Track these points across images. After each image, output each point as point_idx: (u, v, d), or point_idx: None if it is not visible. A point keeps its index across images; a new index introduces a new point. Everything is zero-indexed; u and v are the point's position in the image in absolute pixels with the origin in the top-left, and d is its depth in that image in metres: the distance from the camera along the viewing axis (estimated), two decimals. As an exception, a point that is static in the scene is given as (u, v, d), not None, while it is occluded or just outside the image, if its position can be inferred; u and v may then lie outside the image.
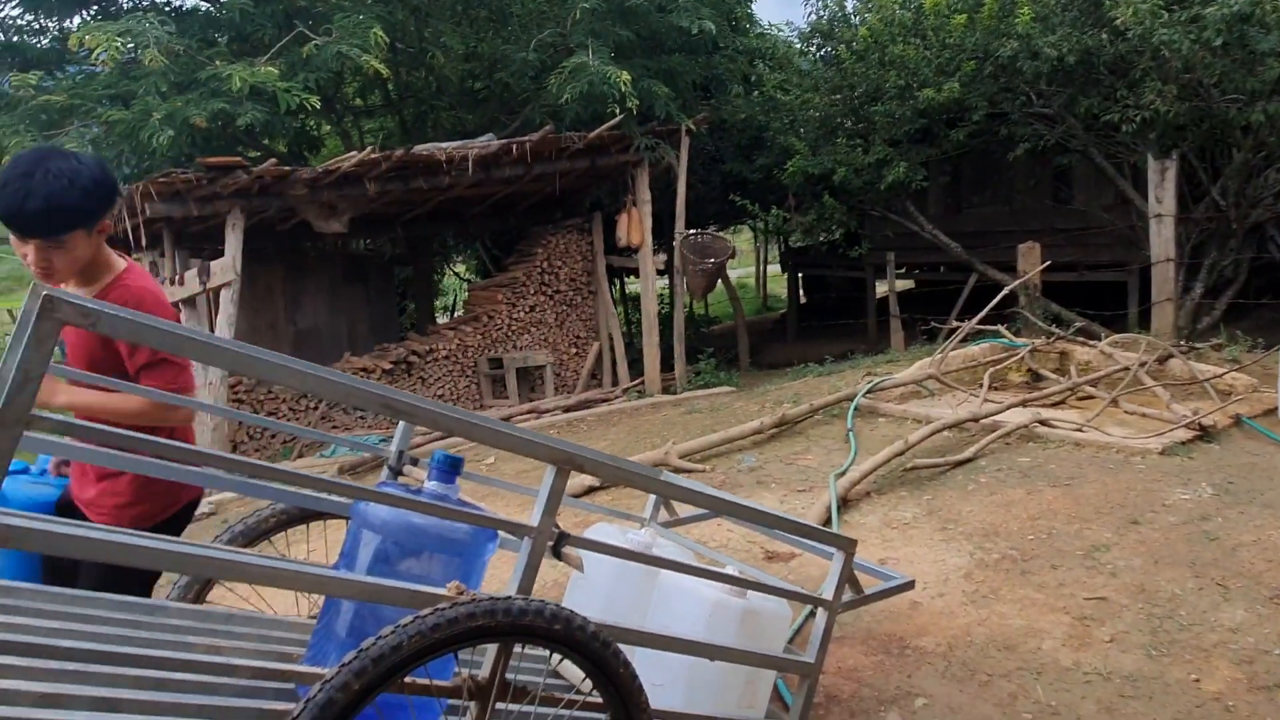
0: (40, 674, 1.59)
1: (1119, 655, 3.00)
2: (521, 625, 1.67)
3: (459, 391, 9.76)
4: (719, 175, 13.09)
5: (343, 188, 7.97)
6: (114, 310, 1.45)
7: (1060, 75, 9.41)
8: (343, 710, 1.51)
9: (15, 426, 1.34)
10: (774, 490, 5.13)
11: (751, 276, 24.95)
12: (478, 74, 11.06)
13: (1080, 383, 6.38)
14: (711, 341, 13.78)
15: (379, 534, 1.86)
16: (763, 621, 2.28)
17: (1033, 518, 4.20)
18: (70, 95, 8.05)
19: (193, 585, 2.38)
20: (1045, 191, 11.42)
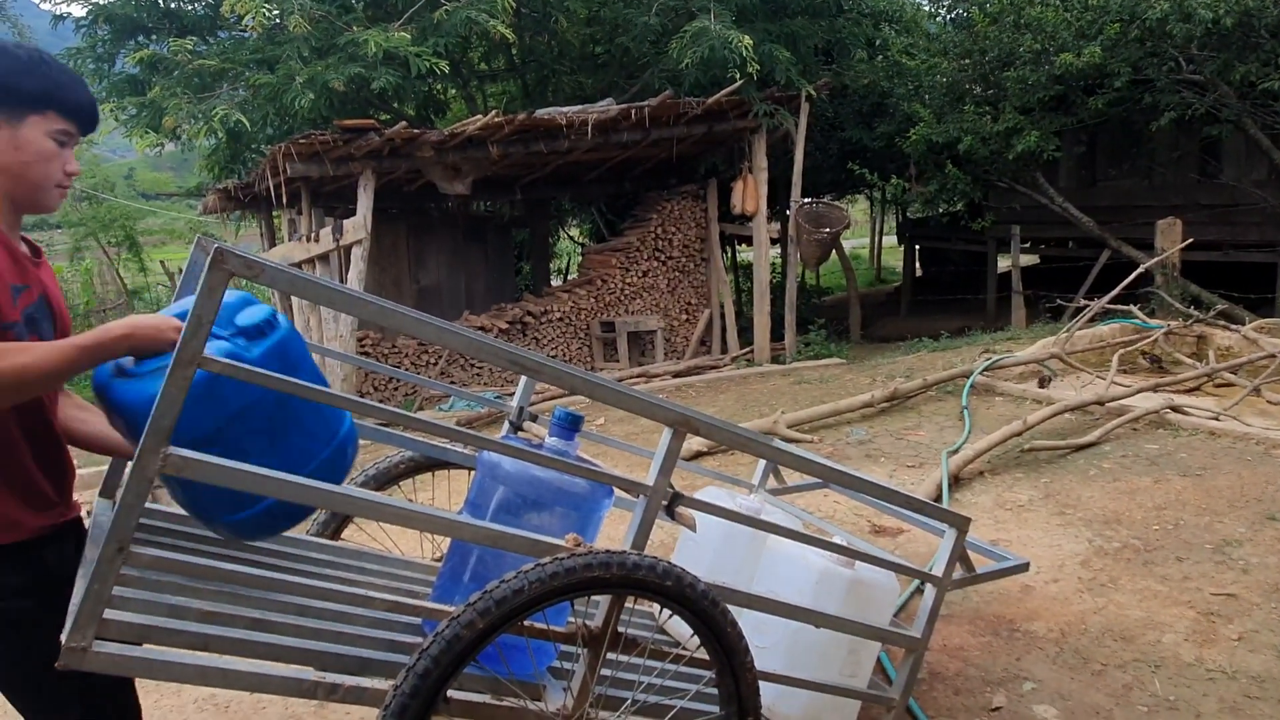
0: (204, 594, 1.76)
1: (1246, 654, 2.87)
2: (635, 579, 1.74)
3: (571, 353, 9.96)
4: (837, 143, 12.78)
5: (466, 150, 8.19)
6: (277, 264, 1.56)
7: (1214, 39, 8.75)
8: (467, 646, 1.61)
9: (189, 367, 1.48)
10: (883, 465, 5.07)
11: (866, 248, 24.37)
12: (599, 38, 11.10)
13: (1219, 369, 6.02)
14: (823, 313, 13.58)
15: (503, 484, 1.96)
16: (869, 593, 2.29)
17: (1159, 507, 4.03)
18: (221, 60, 8.51)
19: (329, 524, 2.56)
20: (1190, 164, 10.70)
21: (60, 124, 1.71)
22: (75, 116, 1.73)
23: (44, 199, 1.73)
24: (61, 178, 1.74)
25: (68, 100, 1.71)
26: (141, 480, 1.47)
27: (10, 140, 1.66)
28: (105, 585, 1.51)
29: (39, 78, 1.68)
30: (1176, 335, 6.90)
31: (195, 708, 2.87)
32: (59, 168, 1.72)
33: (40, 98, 1.67)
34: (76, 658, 1.52)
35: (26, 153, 1.67)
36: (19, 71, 1.66)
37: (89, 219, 18.88)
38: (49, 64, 1.70)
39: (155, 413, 1.45)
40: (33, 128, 1.67)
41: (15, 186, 1.69)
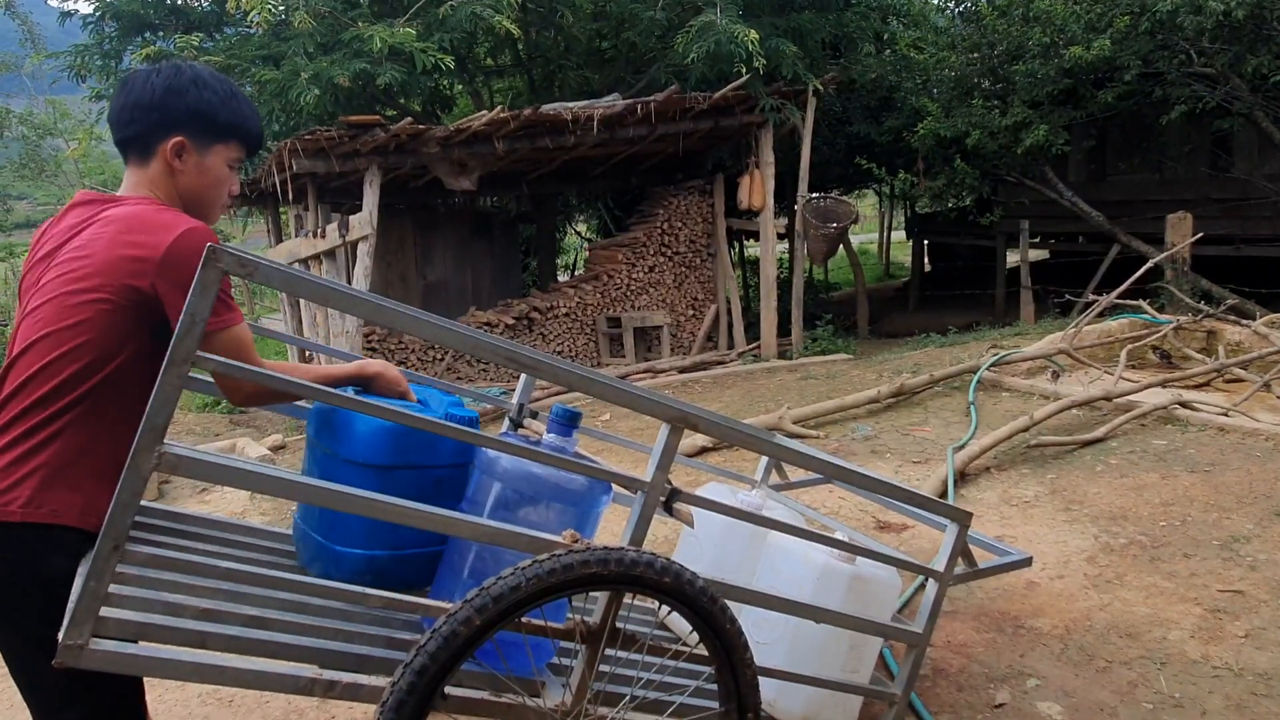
0: (200, 591, 1.76)
1: (1253, 652, 2.85)
2: (633, 575, 1.73)
3: (577, 349, 9.96)
4: (845, 137, 12.73)
5: (472, 146, 8.19)
6: (269, 263, 1.56)
7: (1226, 31, 8.68)
8: (465, 643, 1.61)
9: (183, 365, 1.48)
10: (889, 460, 5.06)
11: (874, 243, 24.29)
12: (605, 33, 11.08)
13: (1229, 364, 5.98)
14: (830, 308, 13.54)
15: (500, 481, 1.95)
16: (871, 588, 2.28)
17: (1166, 504, 4.00)
18: (227, 56, 8.52)
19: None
20: (1201, 158, 10.62)
21: (238, 152, 1.89)
22: (252, 145, 1.92)
23: (211, 215, 1.92)
24: (227, 198, 1.94)
25: (250, 132, 1.90)
26: (136, 478, 1.47)
27: (197, 166, 1.83)
28: (101, 583, 1.51)
29: (231, 111, 1.84)
30: (1186, 330, 6.85)
31: (199, 701, 2.88)
32: (226, 190, 1.91)
33: (229, 129, 1.85)
34: (73, 655, 1.52)
35: (208, 177, 1.85)
36: (217, 105, 1.82)
37: (99, 215, 18.94)
38: (239, 98, 1.88)
39: (150, 410, 1.46)
40: (216, 155, 1.85)
41: (192, 205, 1.85)
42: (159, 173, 1.82)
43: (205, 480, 1.57)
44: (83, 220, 1.77)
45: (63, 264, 1.71)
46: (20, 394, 1.68)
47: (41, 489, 1.66)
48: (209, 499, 5.30)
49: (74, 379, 1.68)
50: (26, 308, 1.74)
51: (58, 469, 1.68)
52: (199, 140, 1.82)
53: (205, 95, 1.80)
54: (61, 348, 1.66)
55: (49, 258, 1.77)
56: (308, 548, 2.08)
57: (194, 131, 1.81)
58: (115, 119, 1.82)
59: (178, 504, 5.20)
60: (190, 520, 2.15)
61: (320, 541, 2.02)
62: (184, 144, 1.80)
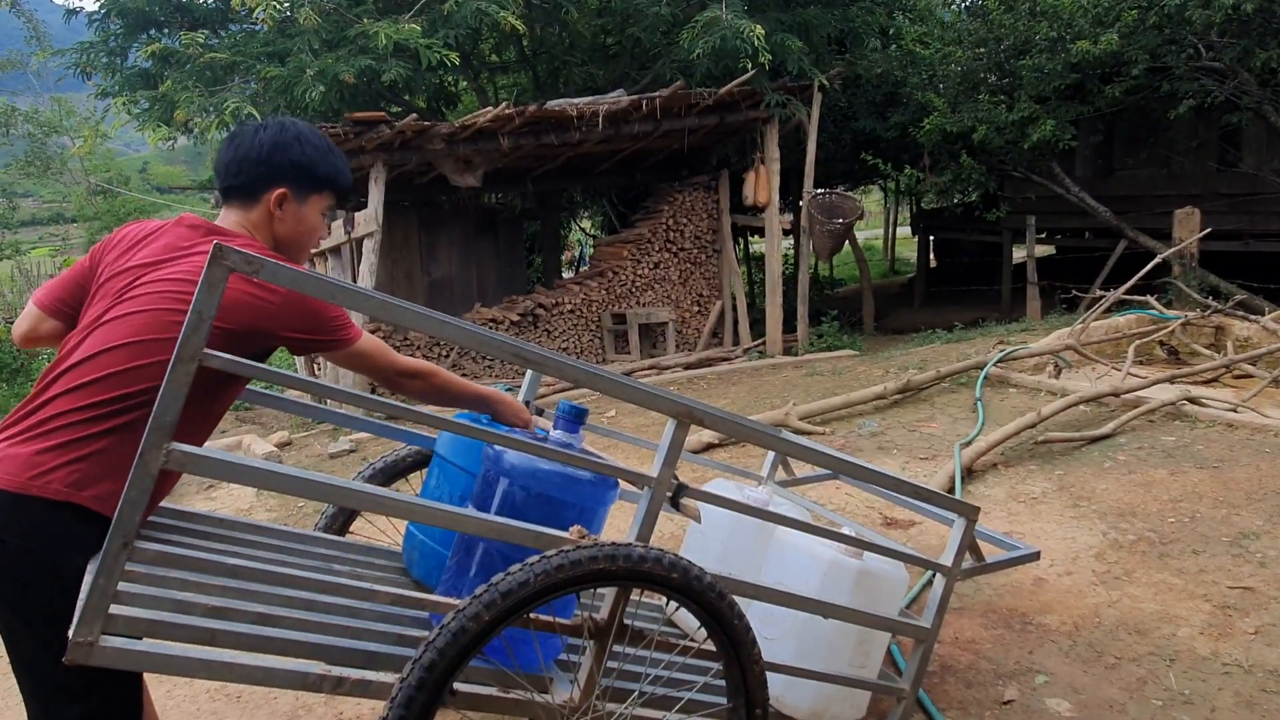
0: (209, 589, 1.76)
1: (1263, 648, 2.84)
2: (640, 571, 1.73)
3: (582, 345, 9.95)
4: (850, 133, 12.70)
5: (477, 142, 8.18)
6: (275, 261, 1.56)
7: (1235, 25, 8.62)
8: (473, 639, 1.61)
9: (190, 363, 1.48)
10: (895, 456, 5.05)
11: (880, 238, 24.23)
12: (610, 29, 11.05)
13: (1238, 360, 5.95)
14: (836, 304, 13.52)
15: (507, 477, 1.95)
16: (878, 583, 2.28)
17: (1174, 500, 3.98)
18: (232, 53, 8.52)
19: (337, 518, 2.56)
20: (1209, 153, 10.56)
21: (330, 201, 2.01)
22: (342, 195, 2.04)
23: (300, 257, 2.03)
24: (317, 243, 2.07)
25: (342, 184, 2.02)
26: (145, 475, 1.47)
27: (295, 215, 1.95)
28: (111, 580, 1.52)
29: (329, 165, 1.97)
30: (1194, 326, 6.83)
31: (207, 697, 2.89)
32: (319, 235, 2.03)
33: (326, 181, 1.97)
34: (83, 652, 1.53)
35: (304, 225, 1.97)
36: (317, 160, 1.95)
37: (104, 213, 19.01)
38: (334, 152, 2.00)
39: (158, 409, 1.46)
40: (312, 206, 1.97)
41: (286, 248, 1.97)
42: (261, 218, 1.93)
43: (213, 477, 1.57)
44: (190, 244, 1.85)
45: (170, 282, 1.79)
46: (98, 385, 1.71)
47: (89, 476, 1.69)
48: (215, 495, 5.31)
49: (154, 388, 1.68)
50: (112, 309, 1.78)
51: (110, 463, 1.69)
52: (299, 191, 1.93)
53: (308, 151, 1.93)
54: (153, 357, 1.71)
55: (148, 268, 1.82)
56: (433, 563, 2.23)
57: (295, 183, 1.93)
58: (223, 170, 1.94)
59: (184, 501, 5.22)
60: (195, 518, 2.15)
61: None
62: (286, 195, 1.92)
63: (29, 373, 10.93)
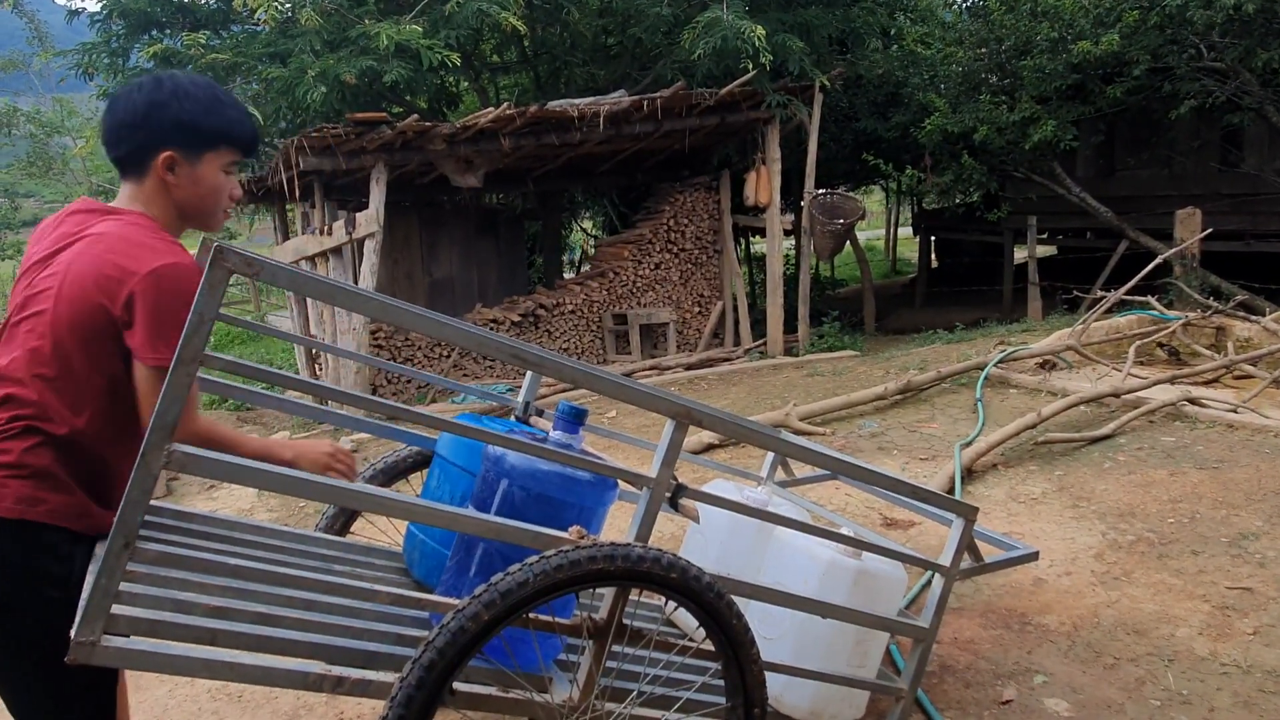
0: (210, 589, 1.77)
1: (1262, 649, 2.85)
2: (639, 571, 1.74)
3: (583, 346, 9.96)
4: (851, 133, 12.70)
5: (478, 143, 8.19)
6: (275, 262, 1.57)
7: (1236, 25, 8.62)
8: (473, 638, 1.62)
9: (191, 364, 1.49)
10: (896, 457, 5.05)
11: (881, 239, 24.24)
12: (611, 29, 11.07)
13: (1238, 360, 5.95)
14: (837, 305, 13.52)
15: (507, 478, 1.96)
16: (877, 584, 2.28)
17: (1174, 500, 3.99)
18: (234, 54, 8.54)
19: (338, 518, 2.57)
20: (1211, 153, 10.56)
21: (231, 156, 1.85)
22: (244, 148, 1.87)
23: (212, 222, 1.89)
24: (228, 202, 1.90)
25: (239, 135, 1.85)
26: (147, 475, 1.48)
27: (190, 177, 1.80)
28: (113, 580, 1.53)
29: (217, 117, 1.81)
30: (1195, 326, 6.82)
31: (209, 697, 2.90)
32: (226, 195, 1.88)
33: (217, 136, 1.81)
34: (85, 652, 1.53)
35: (203, 186, 1.82)
36: (201, 113, 1.78)
37: (106, 213, 19.02)
38: (223, 102, 1.83)
39: (159, 410, 1.47)
40: (208, 164, 1.81)
41: (192, 215, 1.85)
42: (154, 188, 1.80)
43: (214, 478, 1.58)
44: (77, 231, 1.76)
45: (54, 276, 1.71)
46: (10, 403, 1.68)
47: (35, 489, 1.66)
48: (216, 496, 5.32)
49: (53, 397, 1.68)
50: (25, 311, 1.73)
51: (47, 472, 1.68)
52: (188, 151, 1.79)
53: (188, 106, 1.77)
54: (44, 368, 1.67)
55: (43, 263, 1.76)
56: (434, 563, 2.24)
57: (182, 144, 1.78)
58: (106, 140, 1.81)
59: (185, 501, 5.23)
60: (194, 519, 2.16)
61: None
62: (174, 158, 1.78)
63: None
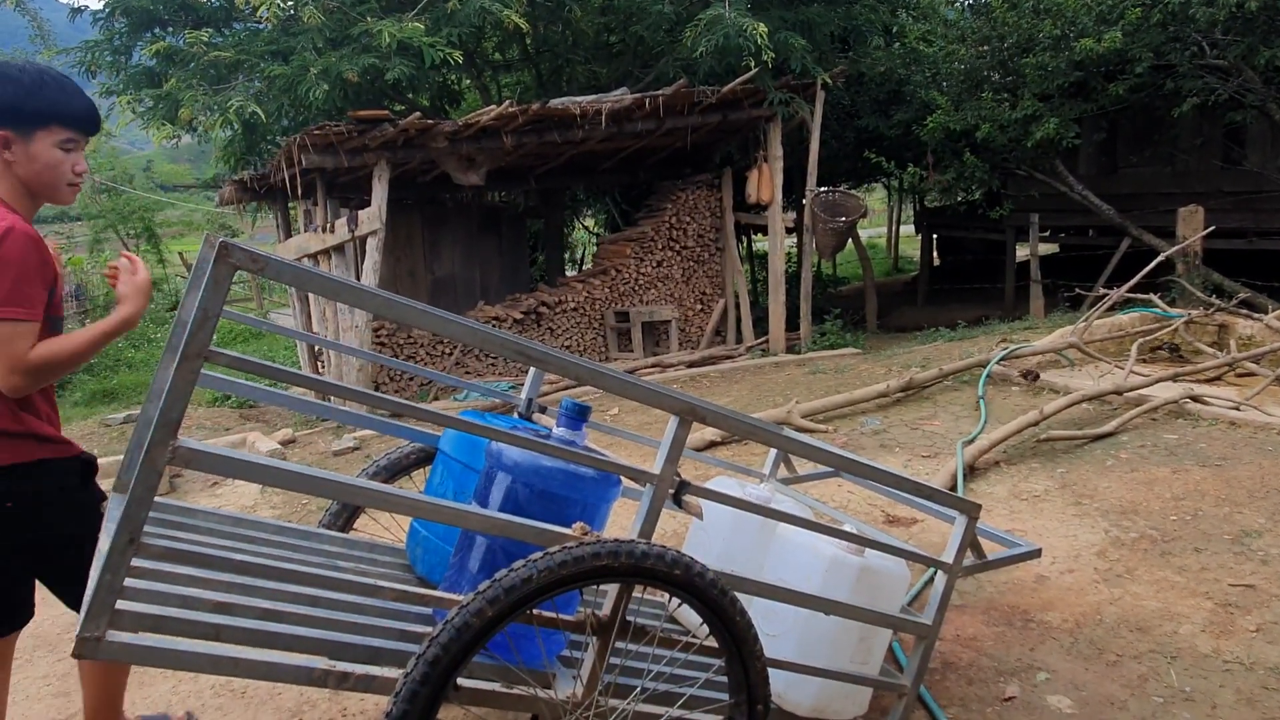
0: (214, 585, 1.77)
1: (1265, 646, 2.84)
2: (643, 567, 1.74)
3: (585, 343, 9.96)
4: (854, 131, 12.69)
5: (480, 141, 8.19)
6: (279, 259, 1.57)
7: (1239, 23, 8.61)
8: (477, 634, 1.62)
9: (196, 360, 1.49)
10: (897, 454, 5.05)
11: (883, 237, 24.24)
12: (613, 27, 11.05)
13: (1240, 358, 5.95)
14: (839, 302, 13.52)
15: (510, 474, 1.96)
16: (879, 580, 2.29)
17: (1177, 498, 3.99)
18: (236, 51, 8.54)
19: (341, 515, 2.57)
20: (1214, 151, 10.54)
21: (64, 134, 1.99)
22: (76, 126, 2.00)
23: (59, 196, 2.05)
24: (71, 177, 2.04)
25: (66, 114, 1.98)
26: (151, 473, 1.48)
27: (24, 153, 1.96)
28: (117, 576, 1.53)
29: (39, 99, 1.95)
30: (1197, 324, 6.82)
31: (212, 693, 2.90)
32: (68, 170, 2.02)
33: (43, 116, 1.95)
34: (91, 647, 1.54)
35: (38, 163, 1.98)
36: (23, 96, 1.93)
37: (108, 211, 19.06)
38: (48, 84, 1.97)
39: (164, 406, 1.47)
40: (40, 141, 1.96)
41: (34, 188, 2.01)
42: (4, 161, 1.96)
43: (218, 474, 1.59)
44: None
45: None
46: None
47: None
48: (220, 493, 5.33)
49: None
50: None
51: None
52: (19, 131, 1.94)
53: (9, 89, 1.91)
54: None
55: None
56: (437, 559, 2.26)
57: (12, 125, 1.93)
58: None
59: (189, 498, 5.24)
60: (199, 515, 2.17)
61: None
62: (8, 137, 1.94)
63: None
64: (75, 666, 3.09)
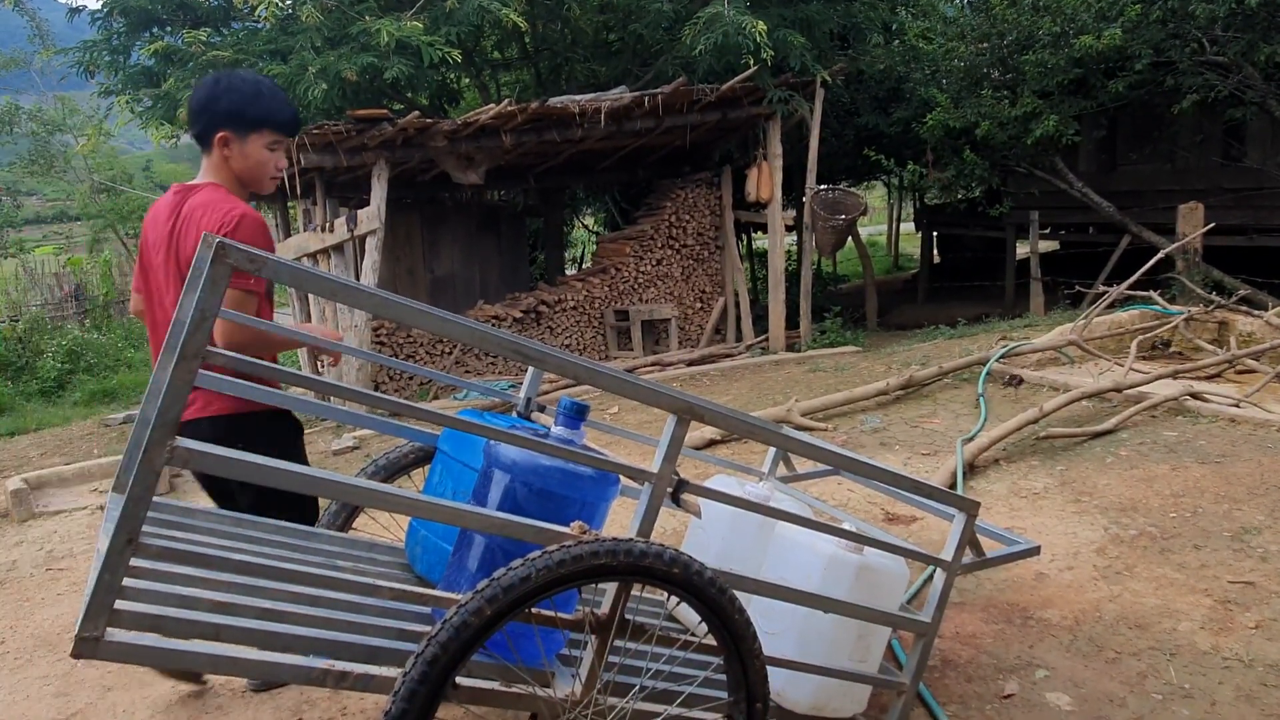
0: (214, 584, 1.77)
1: (1264, 643, 2.85)
2: (641, 566, 1.74)
3: (585, 342, 9.97)
4: (853, 129, 12.69)
5: (480, 140, 8.19)
6: (277, 258, 1.57)
7: (1239, 19, 8.60)
8: (475, 633, 1.62)
9: (194, 360, 1.49)
10: (897, 452, 5.05)
11: (883, 235, 24.24)
12: (612, 25, 11.05)
13: (1240, 355, 5.95)
14: (839, 300, 13.52)
15: (508, 473, 1.96)
16: (878, 578, 2.29)
17: (1176, 495, 3.99)
18: (235, 51, 8.54)
19: (340, 514, 2.57)
20: (1214, 148, 10.54)
21: (272, 137, 2.43)
22: (282, 130, 2.44)
23: (262, 187, 2.52)
24: (274, 171, 2.49)
25: (276, 120, 2.41)
26: (149, 472, 1.48)
27: (240, 152, 2.41)
28: (116, 576, 1.53)
29: (257, 107, 2.38)
30: (1197, 321, 6.82)
31: (212, 693, 2.90)
32: (271, 166, 2.47)
33: (258, 121, 2.39)
34: (90, 647, 1.54)
35: (250, 160, 2.42)
36: (243, 103, 2.36)
37: (108, 210, 19.04)
38: (263, 94, 2.39)
39: (162, 406, 1.47)
40: (253, 143, 2.40)
41: (245, 180, 2.47)
42: (217, 160, 2.42)
43: (217, 474, 1.59)
44: (177, 205, 2.39)
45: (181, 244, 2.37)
46: None
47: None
48: (220, 492, 5.33)
49: None
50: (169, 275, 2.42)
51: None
52: (237, 132, 2.37)
53: (234, 98, 2.34)
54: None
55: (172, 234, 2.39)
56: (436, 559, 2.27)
57: (232, 127, 2.36)
58: (187, 123, 2.41)
59: (189, 497, 5.24)
60: (199, 514, 2.17)
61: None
62: (228, 137, 2.38)
63: (33, 370, 11.00)
64: (75, 666, 3.10)
